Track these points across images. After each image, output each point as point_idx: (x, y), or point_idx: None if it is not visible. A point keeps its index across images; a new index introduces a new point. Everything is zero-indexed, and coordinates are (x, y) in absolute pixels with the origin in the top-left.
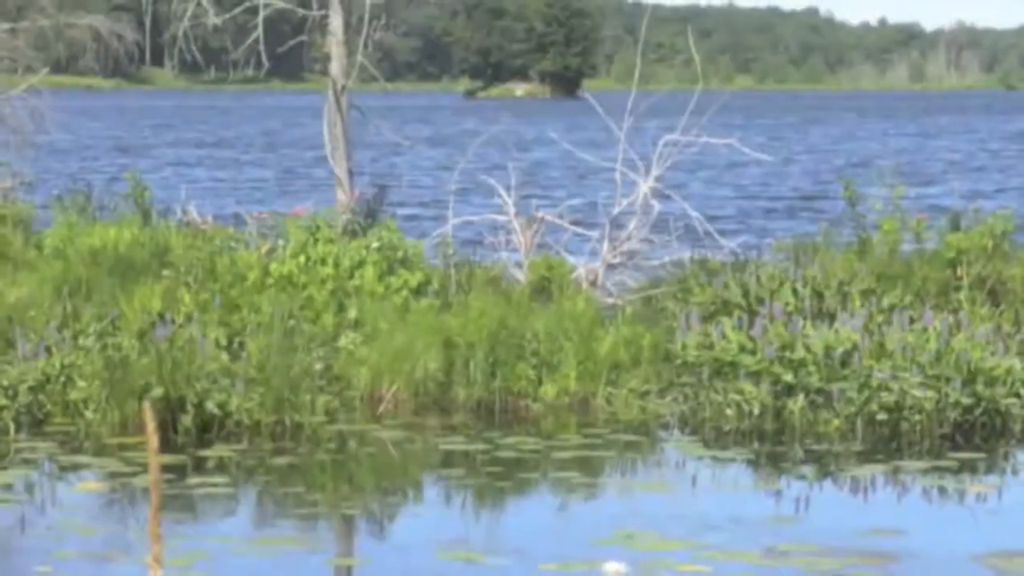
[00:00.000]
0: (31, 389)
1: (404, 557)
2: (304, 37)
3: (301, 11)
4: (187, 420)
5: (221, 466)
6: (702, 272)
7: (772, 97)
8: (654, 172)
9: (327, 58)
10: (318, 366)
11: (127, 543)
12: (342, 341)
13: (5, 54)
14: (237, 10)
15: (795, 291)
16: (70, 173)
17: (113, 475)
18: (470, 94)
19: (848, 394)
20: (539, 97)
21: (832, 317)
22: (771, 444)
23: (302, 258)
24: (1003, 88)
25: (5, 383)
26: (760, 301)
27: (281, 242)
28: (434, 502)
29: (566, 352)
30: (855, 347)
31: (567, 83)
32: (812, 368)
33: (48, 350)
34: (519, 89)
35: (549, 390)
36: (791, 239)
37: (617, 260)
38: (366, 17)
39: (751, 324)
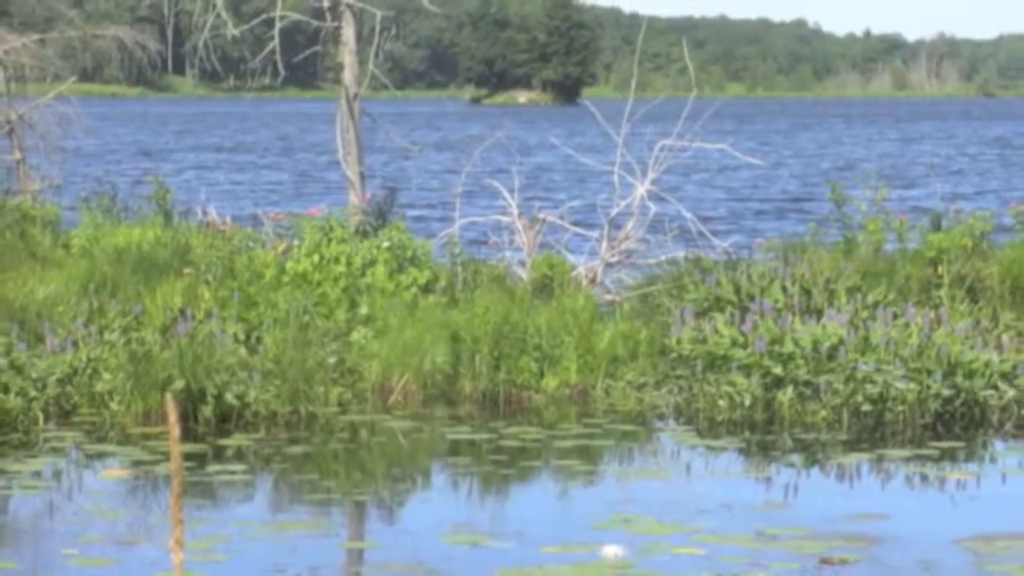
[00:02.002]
0: (59, 381)
1: (412, 541)
2: (318, 47)
3: (315, 23)
4: (207, 411)
5: (239, 454)
6: (696, 270)
7: (762, 104)
8: (650, 175)
9: (340, 67)
10: (331, 359)
11: (150, 527)
12: (354, 336)
13: (35, 63)
14: (255, 22)
15: (784, 288)
16: (96, 176)
17: (137, 463)
18: (475, 101)
19: (834, 386)
20: (541, 104)
21: (819, 313)
22: (761, 433)
23: (316, 257)
24: (981, 96)
25: (34, 375)
26: (751, 298)
27: (296, 242)
28: (441, 488)
29: (567, 346)
30: (841, 341)
31: (568, 91)
32: (800, 361)
33: (75, 344)
34: (522, 96)
35: (550, 382)
36: (780, 239)
37: (615, 259)
38: (377, 28)
39: (742, 320)
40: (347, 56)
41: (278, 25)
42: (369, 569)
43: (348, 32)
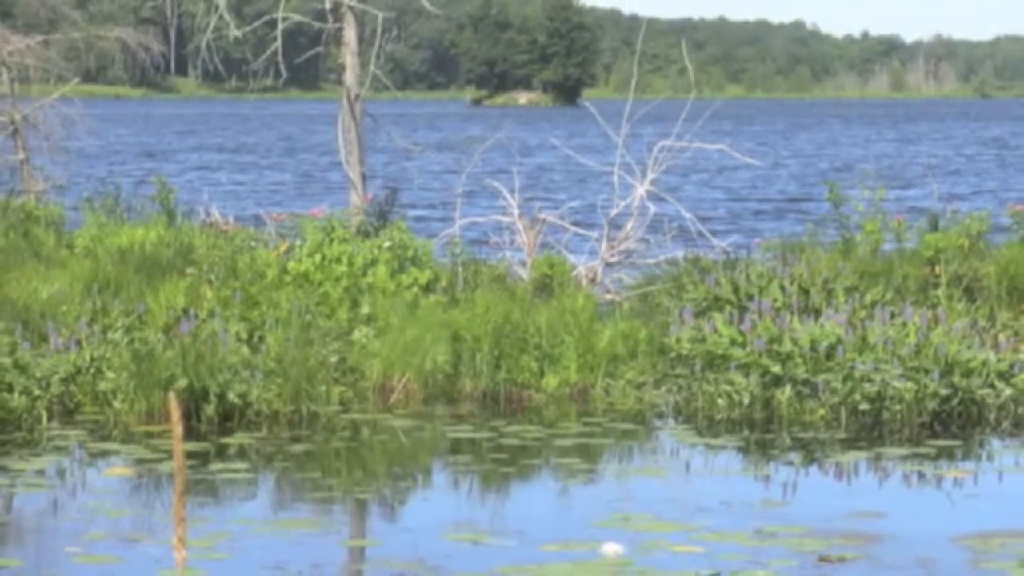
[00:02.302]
0: (63, 380)
1: (414, 538)
2: (320, 49)
3: (317, 24)
4: (210, 409)
5: (242, 453)
6: (695, 270)
7: (761, 105)
8: (650, 176)
9: (342, 68)
10: (333, 359)
11: (153, 525)
12: (355, 335)
13: (39, 65)
14: (257, 23)
15: (782, 288)
16: (99, 177)
17: (140, 461)
18: (476, 102)
19: (832, 385)
20: (541, 105)
21: (817, 312)
22: (760, 432)
23: (318, 257)
24: (978, 97)
25: (38, 374)
26: (750, 297)
27: (298, 242)
28: (442, 487)
29: (567, 345)
30: (839, 341)
31: (568, 92)
32: (798, 360)
33: (79, 343)
34: (523, 97)
35: (551, 381)
36: (779, 239)
37: (615, 259)
38: (378, 30)
39: (741, 319)
40: (349, 57)
41: (280, 27)
42: (370, 567)
43: (350, 34)
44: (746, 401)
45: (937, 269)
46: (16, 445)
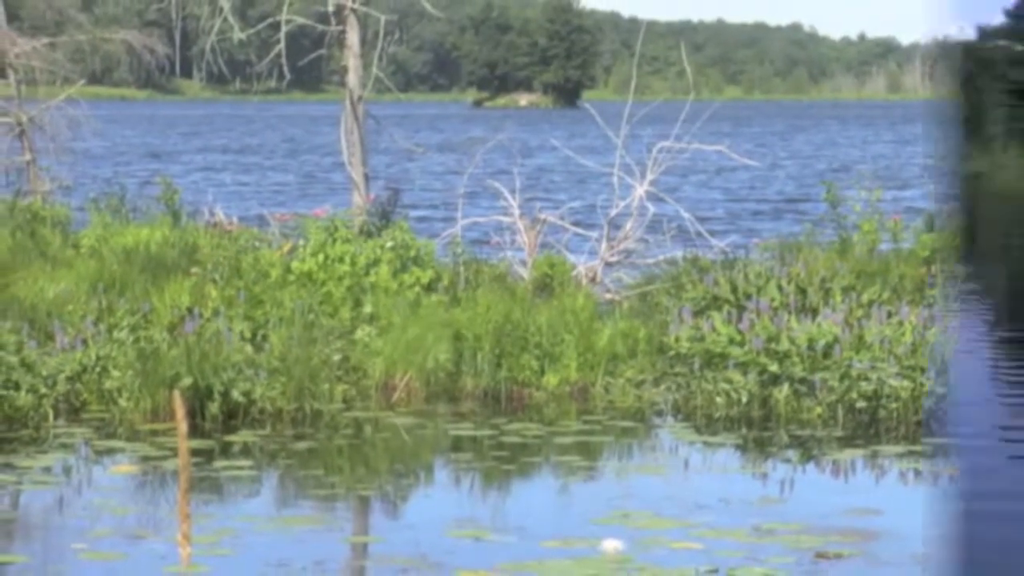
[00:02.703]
0: (69, 379)
1: (416, 535)
2: (323, 51)
3: (320, 27)
4: (214, 407)
5: (245, 450)
6: (694, 270)
7: (759, 107)
8: (649, 176)
9: (345, 70)
10: (336, 357)
11: (158, 522)
12: (358, 334)
13: (45, 67)
14: (261, 26)
15: (780, 287)
16: (105, 177)
17: (145, 459)
18: (477, 104)
19: (830, 383)
20: (542, 107)
21: (815, 312)
22: (758, 430)
23: (321, 256)
24: None
25: (45, 373)
26: (748, 297)
27: (301, 242)
28: (444, 484)
29: (567, 344)
30: (836, 339)
31: (568, 94)
32: (796, 359)
33: (85, 342)
34: (523, 99)
35: (551, 380)
36: (776, 239)
37: (615, 259)
38: (381, 32)
39: (739, 318)
40: (351, 59)
41: (284, 29)
42: (373, 563)
43: (352, 36)
44: (744, 399)
45: (933, 269)
46: (23, 443)
